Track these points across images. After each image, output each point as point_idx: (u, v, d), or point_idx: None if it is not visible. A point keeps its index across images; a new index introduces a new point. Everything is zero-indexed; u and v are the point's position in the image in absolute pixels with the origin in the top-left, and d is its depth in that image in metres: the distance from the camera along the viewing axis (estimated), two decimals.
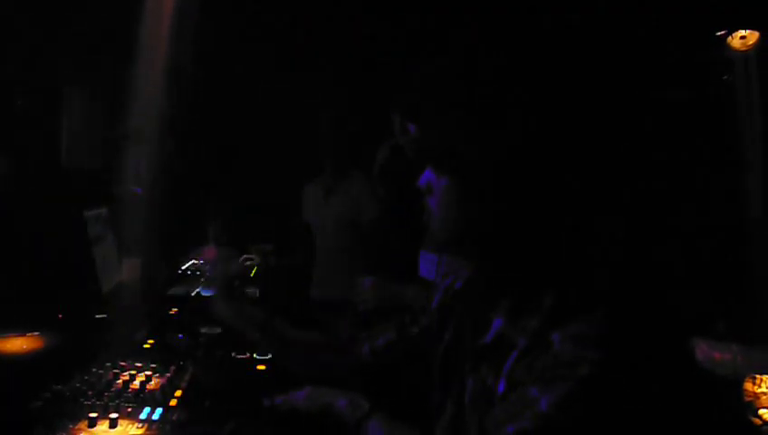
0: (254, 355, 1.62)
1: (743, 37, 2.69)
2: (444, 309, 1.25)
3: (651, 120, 2.75)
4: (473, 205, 1.01)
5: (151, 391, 1.34)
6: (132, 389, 1.34)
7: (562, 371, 0.92)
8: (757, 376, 2.03)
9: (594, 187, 1.07)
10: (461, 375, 1.13)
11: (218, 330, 1.80)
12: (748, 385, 2.03)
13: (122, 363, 1.46)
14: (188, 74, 3.17)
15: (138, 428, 1.17)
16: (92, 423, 1.15)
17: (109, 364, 1.45)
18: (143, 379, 1.38)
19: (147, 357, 1.53)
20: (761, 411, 1.95)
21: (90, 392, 1.29)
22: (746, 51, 2.70)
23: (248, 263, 2.85)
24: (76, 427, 1.15)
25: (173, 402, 1.29)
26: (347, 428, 1.15)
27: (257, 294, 2.34)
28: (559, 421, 0.91)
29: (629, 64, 2.72)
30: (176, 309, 2.02)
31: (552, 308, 0.99)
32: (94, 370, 1.42)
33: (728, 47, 2.73)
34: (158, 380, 1.39)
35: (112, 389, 1.33)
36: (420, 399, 1.22)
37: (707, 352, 2.20)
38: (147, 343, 1.66)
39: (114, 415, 1.17)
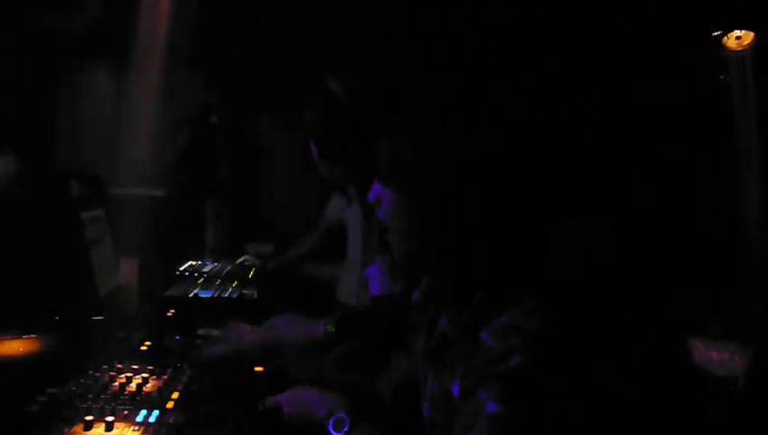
0: None
1: (738, 37, 2.70)
2: (404, 319, 1.27)
3: (646, 121, 2.76)
4: (422, 216, 1.02)
5: (148, 393, 1.33)
6: (129, 391, 1.33)
7: (495, 366, 0.92)
8: None
9: (571, 188, 1.08)
10: (425, 379, 1.14)
11: (216, 332, 1.80)
12: None
13: (119, 366, 1.46)
14: (187, 78, 3.17)
15: (134, 431, 1.17)
16: (89, 426, 1.15)
17: (105, 367, 1.45)
18: (140, 381, 1.38)
19: (144, 359, 1.53)
20: None
21: (86, 395, 1.29)
22: (742, 51, 2.71)
23: (247, 263, 2.85)
24: (72, 430, 1.15)
25: (170, 405, 1.29)
26: None
27: (255, 296, 2.34)
28: (509, 418, 0.89)
29: (624, 64, 2.73)
30: (173, 311, 2.01)
31: (481, 303, 1.00)
32: (91, 372, 1.42)
33: (724, 47, 2.73)
34: (154, 382, 1.39)
35: (109, 391, 1.32)
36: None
37: (705, 351, 2.21)
38: (144, 346, 1.66)
39: (110, 418, 1.17)
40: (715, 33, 2.74)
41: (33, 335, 1.66)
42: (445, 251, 1.03)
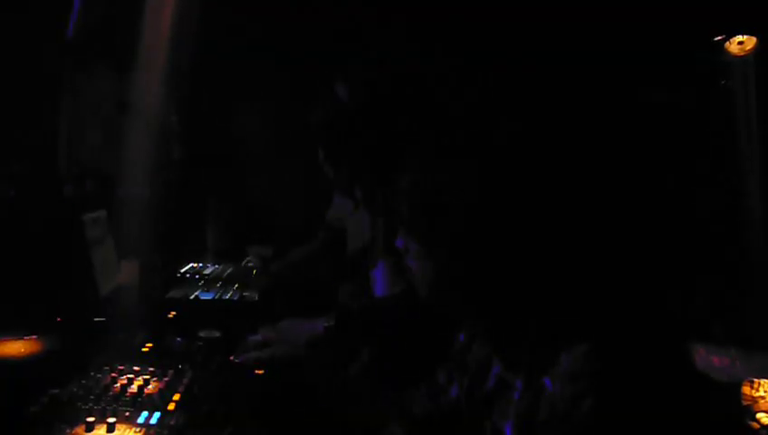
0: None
1: (741, 42, 2.70)
2: (455, 365, 1.26)
3: (648, 124, 2.76)
4: (447, 262, 1.02)
5: (149, 395, 1.33)
6: (130, 393, 1.33)
7: (563, 411, 0.91)
8: (755, 380, 2.04)
9: (585, 194, 1.07)
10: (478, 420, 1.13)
11: (217, 334, 1.80)
12: (746, 389, 2.03)
13: (120, 367, 1.46)
14: (187, 76, 3.17)
15: (135, 432, 1.17)
16: (90, 427, 1.15)
17: (107, 368, 1.45)
18: (141, 383, 1.38)
19: (145, 361, 1.53)
20: (759, 415, 1.95)
21: (87, 396, 1.29)
22: (744, 56, 2.71)
23: (250, 265, 2.85)
24: (73, 431, 1.15)
25: (171, 407, 1.29)
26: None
27: (256, 298, 2.34)
28: None
29: (627, 69, 2.73)
30: (174, 313, 2.01)
31: (535, 342, 0.99)
32: (92, 374, 1.42)
33: (726, 52, 2.73)
34: (156, 384, 1.39)
35: (110, 393, 1.32)
36: None
37: (706, 357, 2.21)
38: (145, 347, 1.66)
39: (112, 419, 1.17)
40: (718, 39, 2.74)
41: (35, 336, 1.66)
42: (475, 293, 1.03)
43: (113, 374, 1.41)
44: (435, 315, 1.30)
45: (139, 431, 1.17)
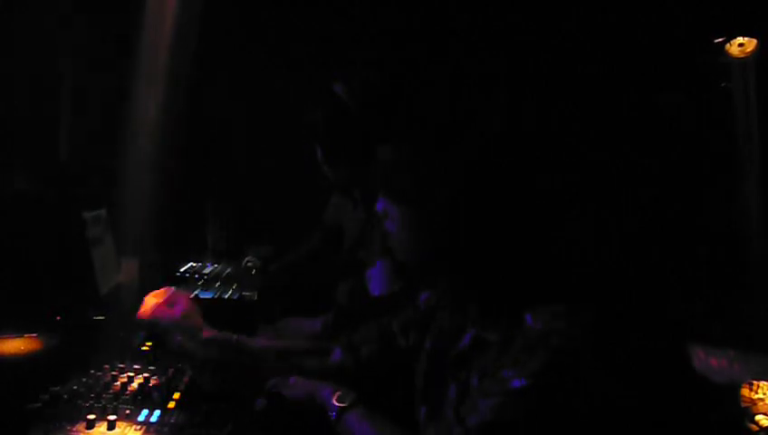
0: None
1: (741, 44, 2.71)
2: (421, 325, 1.27)
3: (648, 126, 2.76)
4: (430, 229, 1.03)
5: (150, 393, 1.34)
6: (130, 391, 1.34)
7: (532, 346, 0.92)
8: (754, 382, 2.04)
9: (576, 191, 1.08)
10: (444, 384, 1.14)
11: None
12: (745, 391, 2.03)
13: (121, 365, 1.46)
14: (187, 76, 3.17)
15: (136, 430, 1.17)
16: (90, 425, 1.15)
17: (107, 366, 1.45)
18: (141, 381, 1.38)
19: (145, 359, 1.53)
20: (758, 417, 1.96)
21: (88, 394, 1.29)
22: (744, 58, 2.71)
23: (249, 265, 2.84)
24: (74, 429, 1.15)
25: (171, 405, 1.29)
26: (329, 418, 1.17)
27: (255, 297, 2.34)
28: (530, 396, 0.90)
29: (627, 70, 2.73)
30: None
31: (519, 303, 1.01)
32: (92, 372, 1.42)
33: (726, 54, 2.74)
34: (156, 382, 1.39)
35: (110, 391, 1.33)
36: (402, 404, 1.23)
37: (704, 358, 2.21)
38: (145, 346, 1.66)
39: (112, 417, 1.17)
40: (718, 40, 2.74)
41: (35, 335, 1.66)
42: (455, 260, 1.04)
43: (113, 372, 1.42)
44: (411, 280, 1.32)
45: (140, 429, 1.17)
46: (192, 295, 2.26)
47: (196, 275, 2.58)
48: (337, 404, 1.17)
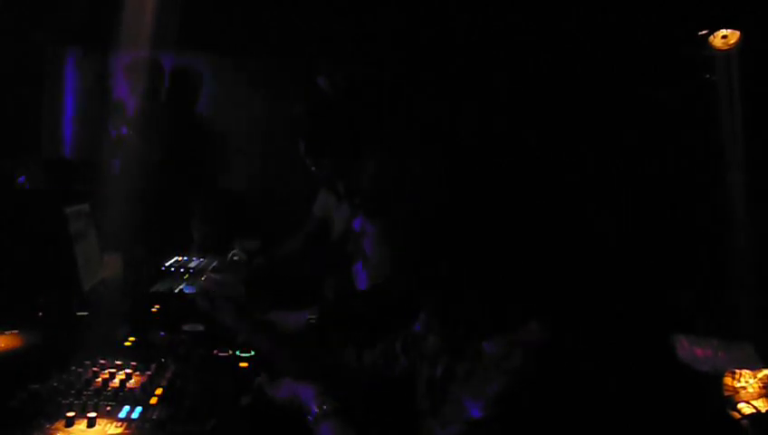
0: (236, 352, 1.61)
1: (724, 36, 2.72)
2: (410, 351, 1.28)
3: (632, 119, 2.77)
4: (405, 244, 1.02)
5: (131, 389, 1.32)
6: (112, 387, 1.32)
7: (490, 371, 0.93)
8: (737, 371, 2.06)
9: (567, 186, 1.08)
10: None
11: (200, 328, 1.79)
12: (728, 380, 2.05)
13: (102, 361, 1.45)
14: (171, 69, 3.14)
15: (117, 427, 1.16)
16: (70, 423, 1.14)
17: (88, 362, 1.44)
18: (123, 377, 1.37)
19: (127, 355, 1.51)
20: (740, 406, 1.98)
21: (68, 391, 1.28)
22: (728, 50, 2.72)
23: (235, 258, 2.83)
24: (53, 426, 1.13)
25: (153, 401, 1.28)
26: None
27: (243, 291, 2.33)
28: (489, 425, 0.90)
29: (610, 63, 2.74)
30: (158, 306, 2.00)
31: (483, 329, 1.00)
32: (73, 368, 1.40)
33: (710, 46, 2.75)
34: (138, 378, 1.38)
35: (91, 387, 1.31)
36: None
37: (689, 348, 2.23)
38: (128, 341, 1.65)
39: (93, 414, 1.16)
40: (702, 33, 2.75)
41: (16, 331, 1.64)
42: (427, 281, 1.04)
43: (95, 369, 1.40)
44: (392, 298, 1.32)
45: (121, 426, 1.16)
46: (177, 290, 2.25)
47: (182, 270, 2.56)
48: (316, 409, 1.17)
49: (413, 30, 2.80)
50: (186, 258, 2.82)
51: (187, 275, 2.48)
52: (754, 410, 1.94)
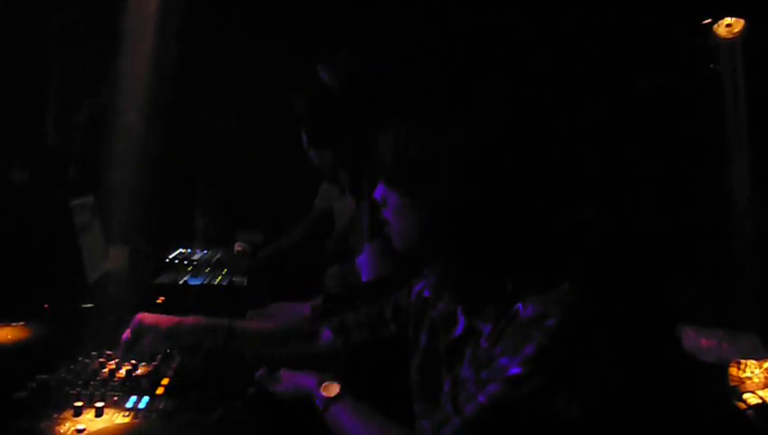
0: None
1: (728, 25, 2.70)
2: (414, 317, 1.27)
3: (636, 109, 2.76)
4: (428, 216, 1.02)
5: (138, 379, 1.33)
6: (118, 377, 1.33)
7: (527, 330, 0.93)
8: (742, 361, 2.06)
9: (569, 177, 1.08)
10: (439, 378, 1.14)
11: None
12: (733, 370, 2.05)
13: (109, 352, 1.45)
14: (174, 61, 3.13)
15: (124, 416, 1.17)
16: (78, 412, 1.15)
17: (95, 353, 1.44)
18: (129, 368, 1.37)
19: None
20: (745, 396, 1.98)
21: (76, 382, 1.28)
22: (732, 39, 2.71)
23: (239, 250, 2.84)
24: (62, 416, 1.14)
25: (160, 391, 1.28)
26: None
27: (245, 283, 2.34)
28: (528, 381, 0.90)
29: (614, 53, 2.72)
30: (163, 298, 2.01)
31: (512, 292, 1.00)
32: (80, 359, 1.41)
33: (714, 35, 2.73)
34: (144, 368, 1.39)
35: (98, 378, 1.32)
36: (394, 395, 1.24)
37: (694, 338, 2.23)
38: None
39: (100, 404, 1.17)
40: (706, 22, 2.73)
41: (23, 323, 1.65)
42: (453, 249, 1.04)
43: (102, 359, 1.41)
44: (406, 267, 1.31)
45: (128, 416, 1.17)
46: (181, 282, 2.26)
47: (186, 262, 2.57)
48: (323, 395, 1.17)
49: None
50: (190, 250, 2.82)
51: (191, 267, 2.49)
52: (760, 401, 1.95)
